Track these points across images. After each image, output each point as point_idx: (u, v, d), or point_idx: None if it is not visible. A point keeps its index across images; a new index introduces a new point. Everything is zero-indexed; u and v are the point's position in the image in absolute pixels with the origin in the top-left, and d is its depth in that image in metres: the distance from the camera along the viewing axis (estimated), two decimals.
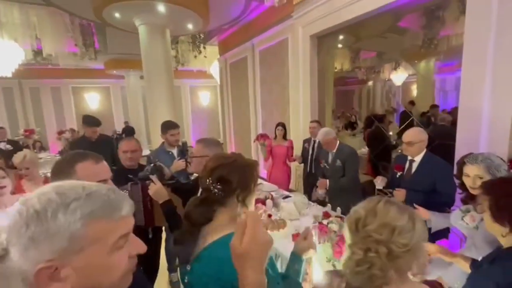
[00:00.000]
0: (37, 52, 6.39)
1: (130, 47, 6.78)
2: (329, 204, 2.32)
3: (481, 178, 1.38)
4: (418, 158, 2.03)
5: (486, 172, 1.36)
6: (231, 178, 0.88)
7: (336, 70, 7.03)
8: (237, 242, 0.56)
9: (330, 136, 2.69)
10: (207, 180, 0.88)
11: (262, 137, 3.72)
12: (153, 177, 1.54)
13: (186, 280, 0.86)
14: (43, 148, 8.47)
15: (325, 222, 1.71)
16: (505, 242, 0.96)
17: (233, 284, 0.69)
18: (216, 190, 0.86)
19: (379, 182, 2.17)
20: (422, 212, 1.68)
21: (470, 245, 1.39)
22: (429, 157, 2.04)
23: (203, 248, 0.84)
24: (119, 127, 9.94)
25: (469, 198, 1.46)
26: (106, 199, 0.50)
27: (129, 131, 8.84)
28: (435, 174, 1.92)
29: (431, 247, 1.34)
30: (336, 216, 1.91)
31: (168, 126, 2.60)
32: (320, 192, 2.68)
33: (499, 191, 0.95)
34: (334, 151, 2.72)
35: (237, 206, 0.90)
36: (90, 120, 3.22)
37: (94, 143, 3.17)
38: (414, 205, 1.72)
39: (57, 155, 7.04)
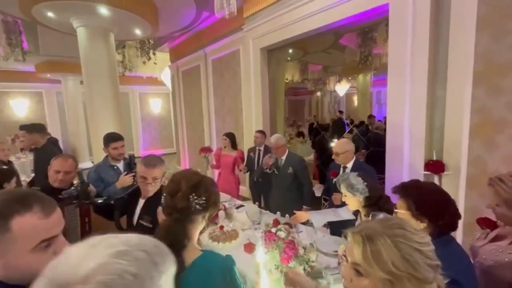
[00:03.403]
0: None
1: (67, 48, 6.13)
2: (279, 212, 2.41)
3: (345, 195, 1.61)
4: (349, 165, 2.30)
5: (347, 190, 1.57)
6: (213, 191, 0.90)
7: (287, 81, 7.43)
8: None
9: (281, 142, 2.78)
10: (190, 196, 0.85)
11: (203, 150, 3.89)
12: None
13: None
14: None
15: (273, 230, 1.78)
16: None
17: None
18: (198, 205, 0.85)
19: (317, 190, 2.35)
20: (302, 215, 1.96)
21: None
22: (359, 164, 2.32)
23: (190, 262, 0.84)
24: (55, 135, 8.79)
25: (357, 211, 1.68)
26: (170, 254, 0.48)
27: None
28: None
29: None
30: (284, 223, 1.99)
31: (110, 139, 2.38)
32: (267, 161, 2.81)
33: (416, 193, 1.10)
34: (284, 158, 2.82)
35: (200, 223, 0.91)
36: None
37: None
38: (294, 211, 2.03)
39: None
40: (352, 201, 1.59)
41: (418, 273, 0.59)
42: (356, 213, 1.69)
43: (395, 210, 1.12)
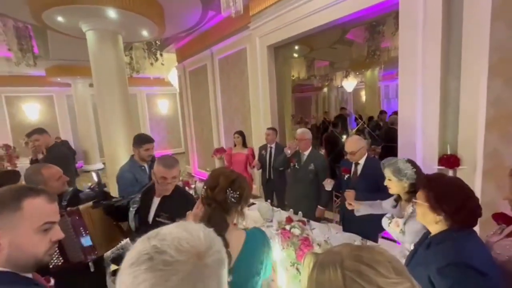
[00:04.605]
0: None
1: (76, 52, 6.24)
2: (291, 209, 2.41)
3: (390, 180, 1.59)
4: (362, 161, 2.26)
5: (392, 175, 1.56)
6: (245, 188, 1.04)
7: (293, 78, 7.39)
8: None
9: (307, 135, 2.75)
10: (227, 190, 1.00)
11: (218, 151, 3.83)
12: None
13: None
14: None
15: (287, 227, 1.79)
16: (434, 229, 1.11)
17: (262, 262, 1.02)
18: (233, 198, 0.99)
19: (328, 184, 2.34)
20: (353, 204, 1.92)
21: (403, 247, 1.57)
22: (371, 160, 2.29)
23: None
24: (67, 138, 8.99)
25: (399, 197, 1.66)
26: None
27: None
28: (377, 174, 2.13)
29: None
30: (298, 221, 1.99)
31: (144, 140, 2.36)
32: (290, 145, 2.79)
33: (436, 185, 1.09)
34: (306, 153, 2.76)
35: (233, 215, 1.04)
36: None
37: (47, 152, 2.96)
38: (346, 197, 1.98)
39: None
40: (395, 185, 1.58)
41: None
42: (397, 199, 1.67)
43: (414, 200, 1.11)
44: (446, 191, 1.06)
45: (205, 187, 1.05)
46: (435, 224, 1.08)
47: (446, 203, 1.04)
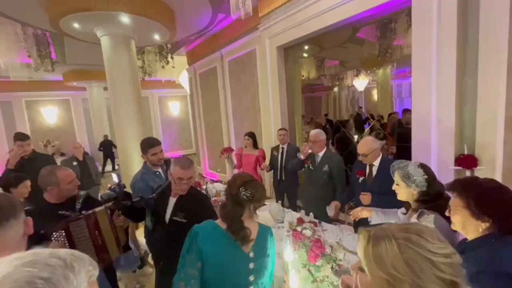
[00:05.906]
0: None
1: (91, 57, 6.45)
2: (303, 210, 2.40)
3: (397, 184, 1.46)
4: (376, 163, 2.16)
5: (401, 180, 1.43)
6: (258, 190, 1.25)
7: (303, 78, 7.33)
8: None
9: (322, 137, 2.69)
10: (240, 188, 1.22)
11: (225, 151, 3.90)
12: None
13: (252, 255, 1.23)
14: None
15: (299, 228, 1.78)
16: (470, 235, 1.04)
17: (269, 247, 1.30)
18: (245, 196, 1.21)
19: (331, 210, 2.26)
20: (363, 212, 1.80)
21: None
22: (386, 161, 2.16)
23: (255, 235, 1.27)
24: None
25: (408, 204, 1.52)
26: (90, 260, 0.50)
27: (107, 146, 8.44)
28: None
29: None
30: (309, 222, 1.98)
31: (148, 145, 2.20)
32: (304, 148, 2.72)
33: (474, 188, 1.01)
34: (321, 154, 2.71)
35: (248, 211, 1.25)
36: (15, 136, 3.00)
37: (27, 160, 2.90)
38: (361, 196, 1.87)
39: None
40: (403, 192, 1.45)
41: (422, 282, 0.55)
42: (408, 206, 1.55)
43: (450, 209, 1.04)
44: (488, 194, 0.98)
45: (227, 184, 1.32)
46: (479, 232, 1.00)
47: (492, 207, 0.95)
